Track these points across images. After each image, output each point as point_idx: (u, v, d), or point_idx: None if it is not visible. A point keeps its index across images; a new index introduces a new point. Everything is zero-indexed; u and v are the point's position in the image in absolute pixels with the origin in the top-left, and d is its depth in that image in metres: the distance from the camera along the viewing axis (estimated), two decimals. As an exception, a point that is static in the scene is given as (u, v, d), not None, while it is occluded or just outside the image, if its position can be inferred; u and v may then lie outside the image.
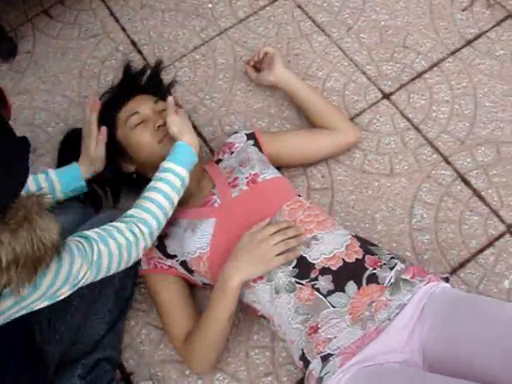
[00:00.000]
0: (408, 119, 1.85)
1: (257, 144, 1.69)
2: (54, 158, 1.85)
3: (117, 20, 2.18)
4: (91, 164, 1.64)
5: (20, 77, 2.12)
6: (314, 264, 1.41)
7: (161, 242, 1.58)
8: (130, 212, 1.42)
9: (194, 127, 1.90)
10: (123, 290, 1.61)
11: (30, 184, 1.56)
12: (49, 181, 1.59)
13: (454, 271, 1.63)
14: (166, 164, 1.46)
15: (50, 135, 1.98)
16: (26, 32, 2.21)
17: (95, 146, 1.63)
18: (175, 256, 1.55)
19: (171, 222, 1.58)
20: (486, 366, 1.21)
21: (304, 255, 1.42)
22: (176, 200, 1.45)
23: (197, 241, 1.49)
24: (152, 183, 1.46)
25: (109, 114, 1.66)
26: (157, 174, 1.46)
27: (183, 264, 1.54)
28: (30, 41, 2.19)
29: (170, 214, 1.45)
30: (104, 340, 1.56)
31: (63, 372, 1.53)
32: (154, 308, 1.68)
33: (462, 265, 1.64)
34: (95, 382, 1.54)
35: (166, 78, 1.98)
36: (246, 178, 1.55)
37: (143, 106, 1.63)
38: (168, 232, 1.57)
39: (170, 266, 1.57)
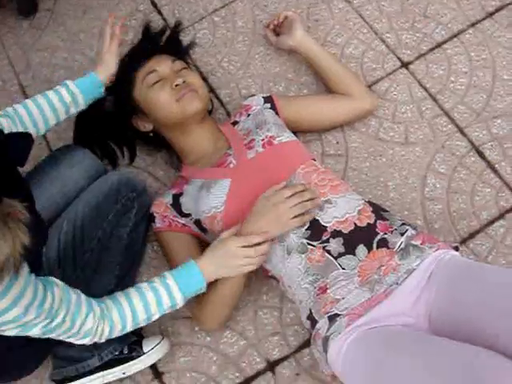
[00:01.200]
0: (425, 89, 1.85)
1: (274, 108, 1.70)
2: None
3: (138, -21, 2.18)
4: (106, 66, 1.67)
5: (40, 34, 2.13)
6: (326, 227, 1.43)
7: (175, 201, 1.60)
8: (106, 301, 1.38)
9: (212, 89, 1.93)
10: (133, 244, 1.63)
11: (55, 100, 1.60)
12: (70, 94, 1.62)
13: (463, 241, 1.64)
14: (168, 278, 1.42)
15: (68, 93, 1.99)
16: (46, -11, 2.22)
17: (108, 44, 1.68)
18: (189, 214, 1.58)
19: (185, 182, 1.60)
20: (492, 333, 1.22)
21: (317, 218, 1.44)
22: (155, 318, 1.43)
23: (212, 200, 1.51)
24: (144, 285, 1.42)
25: (127, 71, 1.68)
26: (155, 280, 1.43)
27: (197, 222, 1.56)
28: (51, -1, 2.20)
29: (140, 325, 1.44)
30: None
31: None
32: (166, 265, 1.70)
33: (471, 235, 1.65)
34: None
35: (185, 39, 1.99)
36: (262, 140, 1.57)
37: (161, 64, 1.64)
38: (183, 190, 1.60)
39: (184, 224, 1.60)
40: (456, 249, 1.46)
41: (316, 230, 1.43)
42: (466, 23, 1.94)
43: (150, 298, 1.40)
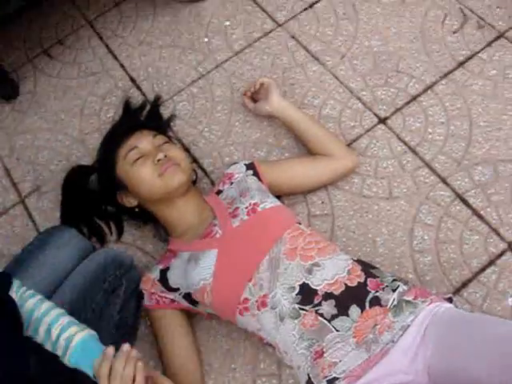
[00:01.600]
0: (405, 142, 1.88)
1: (256, 174, 1.71)
2: (58, 196, 1.89)
3: (115, 57, 2.23)
4: None
5: (22, 117, 2.16)
6: (317, 290, 1.42)
7: (163, 276, 1.59)
8: None
9: (195, 159, 1.95)
10: (124, 322, 1.61)
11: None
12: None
13: (456, 291, 1.64)
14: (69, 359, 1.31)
15: (53, 173, 2.01)
16: (26, 72, 2.26)
17: None
18: (178, 289, 1.57)
19: (172, 255, 1.60)
20: None
21: (306, 282, 1.43)
22: None
23: (200, 272, 1.50)
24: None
25: (109, 150, 1.69)
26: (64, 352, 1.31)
27: (187, 296, 1.55)
28: (31, 81, 2.24)
29: None
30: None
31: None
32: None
33: (464, 284, 1.65)
34: None
35: (166, 112, 2.02)
36: (246, 207, 1.57)
37: (142, 140, 1.66)
38: (170, 265, 1.59)
39: (172, 299, 1.59)
40: (450, 300, 1.46)
41: (307, 294, 1.42)
42: (439, 74, 1.98)
43: None
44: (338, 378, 1.34)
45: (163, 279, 1.59)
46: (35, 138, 2.11)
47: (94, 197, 1.82)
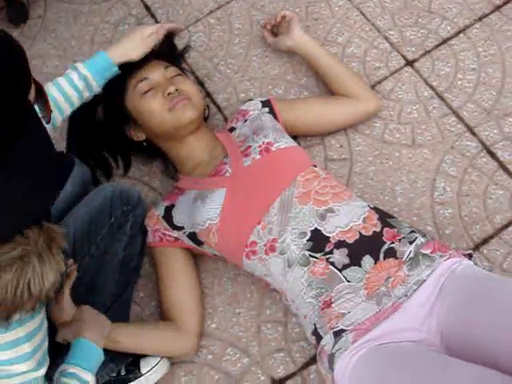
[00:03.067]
0: (432, 87, 1.77)
1: (272, 112, 1.63)
2: (64, 125, 1.81)
3: (130, -17, 2.12)
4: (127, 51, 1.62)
5: (31, 42, 2.07)
6: (329, 237, 1.35)
7: (167, 213, 1.53)
8: None
9: (208, 94, 1.86)
10: (129, 259, 1.57)
11: (66, 87, 1.56)
12: (82, 78, 1.57)
13: (476, 247, 1.56)
14: (70, 368, 1.33)
15: (60, 102, 1.93)
16: (37, -4, 2.16)
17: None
18: (182, 228, 1.50)
19: (179, 193, 1.53)
20: (507, 357, 1.13)
21: (318, 228, 1.36)
22: None
23: (207, 211, 1.44)
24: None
25: (118, 79, 1.61)
26: (62, 379, 1.32)
27: (191, 236, 1.49)
28: (42, 6, 2.14)
29: None
30: (109, 312, 1.51)
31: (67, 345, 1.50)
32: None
33: (485, 241, 1.57)
34: None
35: (180, 42, 1.92)
36: (259, 146, 1.49)
37: (153, 72, 1.58)
38: (176, 203, 1.52)
39: (176, 237, 1.53)
40: (469, 256, 1.38)
41: (318, 241, 1.35)
42: (473, 17, 1.86)
43: None
44: (345, 330, 1.28)
45: (168, 216, 1.53)
46: (43, 64, 2.02)
47: (101, 128, 1.74)
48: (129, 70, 1.60)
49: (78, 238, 1.49)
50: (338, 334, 1.28)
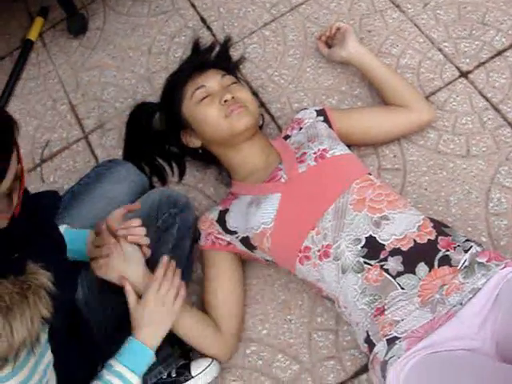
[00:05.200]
0: (487, 99, 1.76)
1: (327, 120, 1.64)
2: (121, 134, 1.87)
3: (187, -4, 2.17)
4: None
5: (90, 52, 2.15)
6: (384, 245, 1.35)
7: (221, 217, 1.55)
8: None
9: (262, 104, 1.88)
10: (176, 262, 1.53)
11: None
12: None
13: (532, 259, 1.54)
14: (116, 365, 1.33)
15: (118, 110, 2.00)
16: (96, 9, 2.23)
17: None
18: (235, 232, 1.52)
19: (233, 198, 1.55)
20: None
21: (373, 235, 1.36)
22: None
23: (261, 216, 1.45)
24: (95, 383, 1.32)
25: (176, 87, 1.64)
26: (104, 372, 1.32)
27: (244, 240, 1.50)
28: (101, 17, 2.21)
29: None
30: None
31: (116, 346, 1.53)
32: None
33: (541, 252, 1.54)
34: None
35: (235, 54, 1.96)
36: (315, 153, 1.50)
37: (210, 80, 1.60)
38: (230, 207, 1.55)
39: (228, 242, 1.55)
40: (525, 266, 1.36)
41: (373, 248, 1.35)
42: (528, 30, 1.84)
43: None
44: (398, 338, 1.27)
45: (221, 220, 1.55)
46: (102, 74, 2.08)
47: (157, 135, 1.79)
48: (186, 78, 1.63)
49: None
50: (391, 342, 1.27)
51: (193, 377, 1.51)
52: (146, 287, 1.40)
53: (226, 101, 1.55)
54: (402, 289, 1.31)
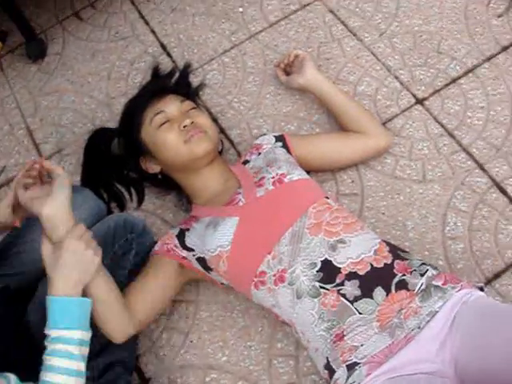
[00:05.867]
0: (442, 125, 1.80)
1: (285, 146, 1.65)
2: (80, 159, 1.85)
3: (147, 23, 2.17)
4: None
5: (48, 77, 2.13)
6: (340, 268, 1.35)
7: (181, 233, 1.54)
8: None
9: (222, 130, 1.88)
10: None
11: None
12: None
13: (488, 282, 1.56)
14: (49, 333, 1.22)
15: (76, 136, 1.98)
16: (55, 34, 2.22)
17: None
18: (192, 250, 1.51)
19: (194, 220, 1.54)
20: None
21: (329, 259, 1.36)
22: (83, 367, 1.23)
23: (218, 238, 1.44)
24: (45, 360, 1.21)
25: (135, 112, 1.64)
26: (47, 345, 1.22)
27: (200, 260, 1.49)
28: (60, 42, 2.20)
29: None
30: (113, 343, 1.50)
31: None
32: (175, 312, 1.64)
33: (497, 275, 1.57)
34: None
35: (195, 80, 1.96)
36: (273, 177, 1.51)
37: (169, 105, 1.60)
38: (190, 228, 1.54)
39: (184, 257, 1.52)
40: (481, 289, 1.38)
41: (329, 272, 1.35)
42: (481, 58, 1.90)
43: (57, 362, 1.20)
44: (358, 363, 1.27)
45: (180, 236, 1.53)
46: (60, 99, 2.06)
47: (116, 161, 1.77)
48: (145, 103, 1.62)
49: None
50: (351, 367, 1.27)
51: None
52: (68, 231, 1.30)
53: (185, 126, 1.55)
54: (360, 314, 1.31)
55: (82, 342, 1.24)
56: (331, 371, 1.31)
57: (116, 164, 1.78)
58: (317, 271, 1.36)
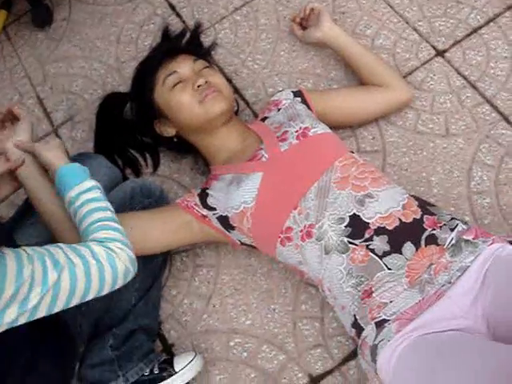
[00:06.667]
0: (464, 77, 1.74)
1: (304, 101, 1.60)
2: (92, 126, 1.81)
3: (154, -17, 2.11)
4: None
5: (56, 44, 2.08)
6: (369, 223, 1.31)
7: (202, 192, 1.49)
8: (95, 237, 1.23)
9: (237, 90, 1.84)
10: (153, 255, 1.51)
11: None
12: None
13: (517, 236, 1.52)
14: (71, 194, 1.27)
15: (87, 102, 1.94)
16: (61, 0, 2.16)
17: None
18: (214, 209, 1.46)
19: (214, 179, 1.50)
20: None
21: (357, 214, 1.32)
22: (109, 205, 1.29)
23: (242, 195, 1.40)
24: (79, 214, 1.26)
25: (146, 74, 1.59)
26: (72, 206, 1.27)
27: (222, 219, 1.45)
28: (66, 8, 2.15)
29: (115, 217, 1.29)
30: (135, 309, 1.48)
31: (95, 344, 1.47)
32: (196, 277, 1.61)
33: (525, 229, 1.52)
34: (131, 353, 1.47)
35: (206, 40, 1.91)
36: (296, 131, 1.46)
37: (182, 65, 1.56)
38: (210, 187, 1.49)
39: (204, 215, 1.47)
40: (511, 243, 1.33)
41: (357, 227, 1.31)
42: (502, 6, 1.82)
43: (91, 205, 1.26)
44: (387, 320, 1.24)
45: (202, 195, 1.48)
46: (69, 66, 2.02)
47: (129, 126, 1.73)
48: (157, 64, 1.57)
49: None
50: (380, 325, 1.24)
51: (176, 372, 1.46)
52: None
53: (199, 86, 1.50)
54: (389, 269, 1.28)
55: (96, 187, 1.31)
56: (359, 329, 1.28)
57: (129, 129, 1.74)
58: (345, 226, 1.32)
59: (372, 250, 1.29)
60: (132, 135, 1.75)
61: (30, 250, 1.14)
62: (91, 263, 1.16)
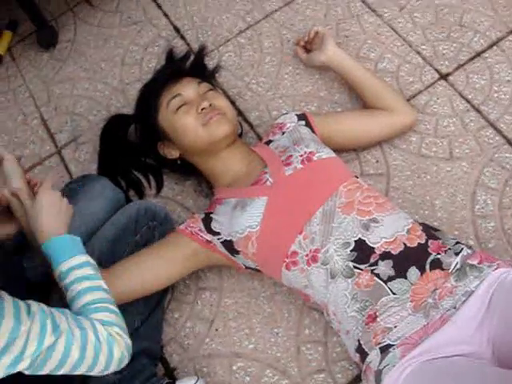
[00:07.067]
0: (467, 100, 1.74)
1: (308, 124, 1.60)
2: (96, 147, 1.81)
3: (159, 6, 2.13)
4: None
5: (61, 65, 2.09)
6: (374, 248, 1.31)
7: (206, 217, 1.48)
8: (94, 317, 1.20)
9: (240, 112, 1.84)
10: None
11: None
12: None
13: (522, 261, 1.51)
14: (61, 268, 1.23)
15: (91, 123, 1.94)
16: (67, 21, 2.19)
17: None
18: (218, 233, 1.45)
19: (218, 203, 1.50)
20: None
21: (363, 238, 1.32)
22: (103, 284, 1.25)
23: (247, 219, 1.40)
24: (70, 292, 1.23)
25: (150, 97, 1.59)
26: (63, 282, 1.24)
27: (227, 243, 1.44)
28: (71, 29, 2.16)
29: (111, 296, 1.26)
30: (138, 332, 1.46)
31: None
32: (199, 300, 1.60)
33: (530, 254, 1.52)
34: (133, 376, 1.45)
35: (210, 63, 1.92)
36: (301, 155, 1.46)
37: (186, 88, 1.56)
38: (214, 211, 1.49)
39: (208, 240, 1.47)
40: (516, 268, 1.33)
41: (363, 252, 1.31)
42: (505, 30, 1.83)
43: (82, 285, 1.22)
44: (392, 345, 1.22)
45: (206, 220, 1.48)
46: (74, 87, 2.03)
47: (133, 147, 1.73)
48: (161, 86, 1.58)
49: (103, 257, 1.45)
50: (384, 350, 1.23)
51: None
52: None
53: (203, 109, 1.51)
54: (394, 294, 1.27)
55: (89, 263, 1.26)
56: (363, 354, 1.27)
57: (133, 151, 1.74)
58: (351, 251, 1.32)
59: (377, 275, 1.28)
60: (136, 157, 1.75)
61: (37, 306, 1.12)
62: (89, 339, 1.14)
